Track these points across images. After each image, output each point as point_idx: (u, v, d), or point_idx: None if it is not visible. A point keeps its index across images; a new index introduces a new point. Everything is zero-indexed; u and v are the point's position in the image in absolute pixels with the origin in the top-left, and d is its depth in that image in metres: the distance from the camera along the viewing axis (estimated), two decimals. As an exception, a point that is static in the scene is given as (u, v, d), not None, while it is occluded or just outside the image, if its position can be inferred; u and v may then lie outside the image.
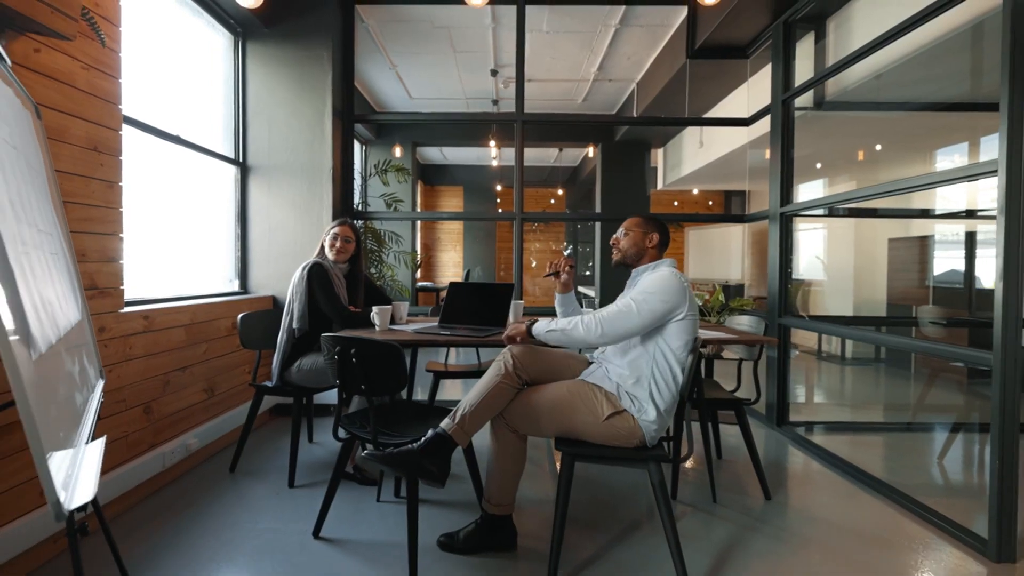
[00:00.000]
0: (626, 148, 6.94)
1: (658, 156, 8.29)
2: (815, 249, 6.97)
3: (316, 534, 1.99)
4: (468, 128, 7.22)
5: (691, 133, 6.98)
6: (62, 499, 0.76)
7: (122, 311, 2.17)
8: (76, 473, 0.94)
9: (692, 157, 7.02)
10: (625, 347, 1.83)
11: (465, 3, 3.33)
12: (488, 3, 3.45)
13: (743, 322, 2.70)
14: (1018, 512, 1.89)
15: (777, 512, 2.26)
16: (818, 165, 6.05)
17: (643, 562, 1.86)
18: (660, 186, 8.43)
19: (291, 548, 1.91)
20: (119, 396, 2.15)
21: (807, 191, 6.45)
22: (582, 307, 2.24)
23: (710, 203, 10.80)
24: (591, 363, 1.97)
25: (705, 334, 2.21)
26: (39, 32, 1.72)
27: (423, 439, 1.71)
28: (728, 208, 10.56)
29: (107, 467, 2.08)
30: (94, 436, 1.31)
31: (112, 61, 2.10)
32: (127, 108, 2.24)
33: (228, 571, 1.76)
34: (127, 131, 2.26)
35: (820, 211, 4.45)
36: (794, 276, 6.96)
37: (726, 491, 2.45)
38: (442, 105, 6.51)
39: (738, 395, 2.46)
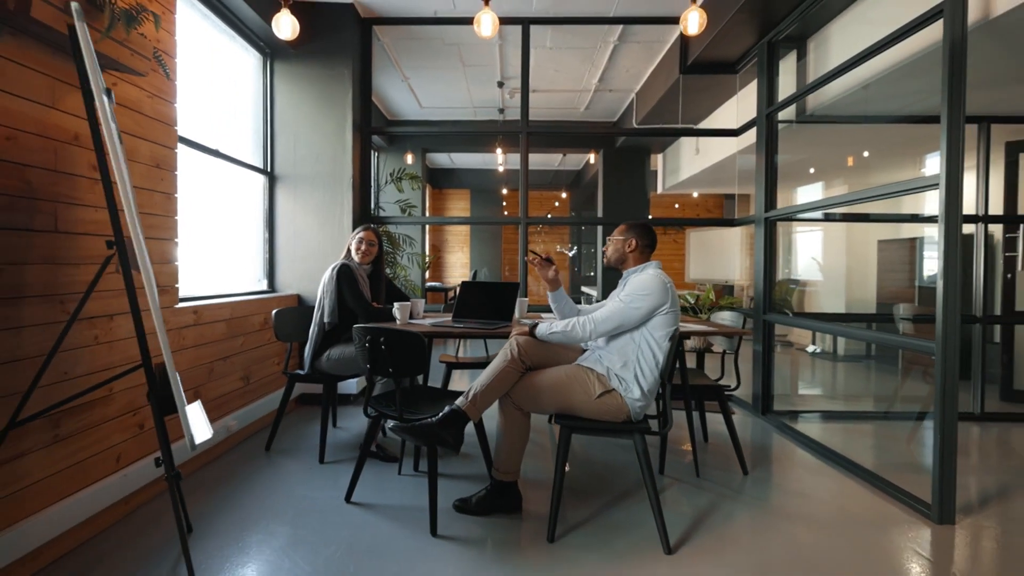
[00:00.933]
0: (627, 154, 7.22)
1: (658, 161, 8.56)
2: (811, 251, 7.22)
3: (348, 499, 2.30)
4: (476, 135, 7.53)
5: (688, 140, 7.24)
6: (195, 436, 1.06)
7: (177, 306, 2.49)
8: (187, 422, 1.24)
9: (689, 163, 7.30)
10: (615, 336, 2.12)
11: (473, 26, 3.63)
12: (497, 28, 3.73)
13: (725, 318, 2.99)
14: (957, 482, 2.18)
15: (752, 485, 2.54)
16: (811, 170, 6.32)
17: (629, 522, 2.15)
18: (660, 190, 8.71)
19: (327, 510, 2.22)
20: (175, 380, 2.46)
21: (800, 195, 6.72)
22: (579, 303, 2.53)
23: (709, 206, 11.06)
24: (585, 350, 2.26)
25: (687, 327, 2.50)
26: (119, 70, 2.03)
27: (440, 414, 2.01)
28: (726, 211, 10.81)
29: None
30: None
31: (170, 89, 2.42)
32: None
33: (276, 525, 2.07)
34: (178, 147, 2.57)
35: (804, 214, 4.70)
36: (792, 277, 7.23)
37: (708, 468, 2.74)
38: (451, 114, 6.82)
39: (720, 383, 2.74)
